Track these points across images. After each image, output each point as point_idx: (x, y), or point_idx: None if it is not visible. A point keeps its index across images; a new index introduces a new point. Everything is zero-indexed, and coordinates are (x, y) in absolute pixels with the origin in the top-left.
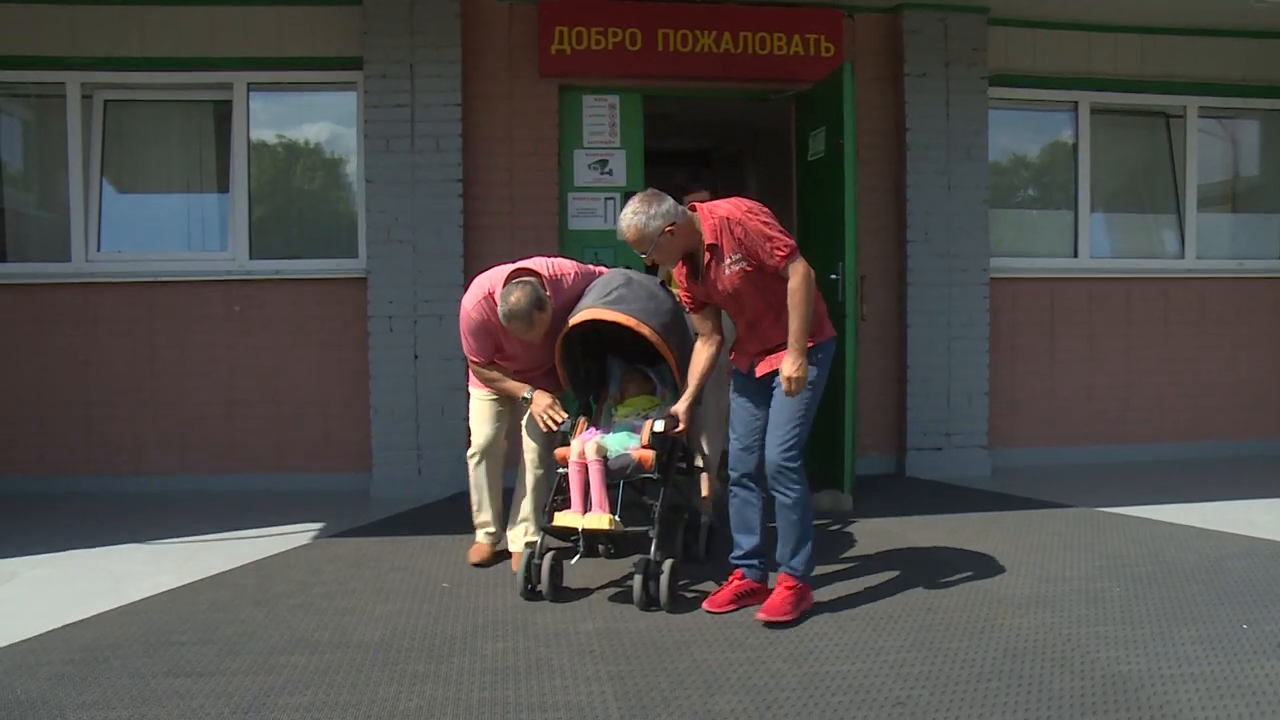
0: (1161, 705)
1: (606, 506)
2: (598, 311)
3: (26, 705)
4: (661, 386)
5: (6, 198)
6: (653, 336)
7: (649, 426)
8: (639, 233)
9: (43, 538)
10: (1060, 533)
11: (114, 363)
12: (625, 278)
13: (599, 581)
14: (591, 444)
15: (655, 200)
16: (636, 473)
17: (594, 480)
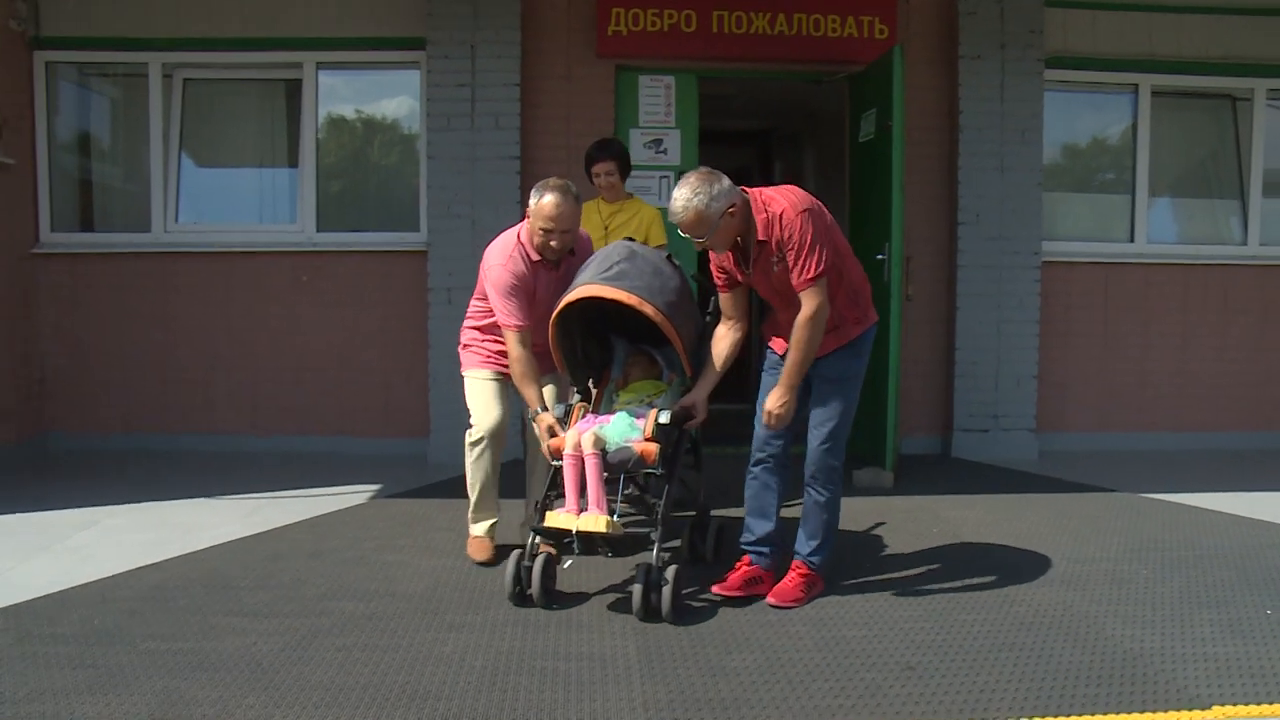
0: (1168, 682)
1: (604, 505)
2: (595, 288)
3: (103, 634)
4: (668, 370)
5: (95, 172)
6: (656, 316)
7: (653, 417)
8: (699, 216)
9: (121, 491)
10: (1097, 516)
11: (189, 328)
12: (628, 250)
13: (598, 585)
14: (589, 435)
15: (714, 179)
16: (638, 467)
17: (591, 476)
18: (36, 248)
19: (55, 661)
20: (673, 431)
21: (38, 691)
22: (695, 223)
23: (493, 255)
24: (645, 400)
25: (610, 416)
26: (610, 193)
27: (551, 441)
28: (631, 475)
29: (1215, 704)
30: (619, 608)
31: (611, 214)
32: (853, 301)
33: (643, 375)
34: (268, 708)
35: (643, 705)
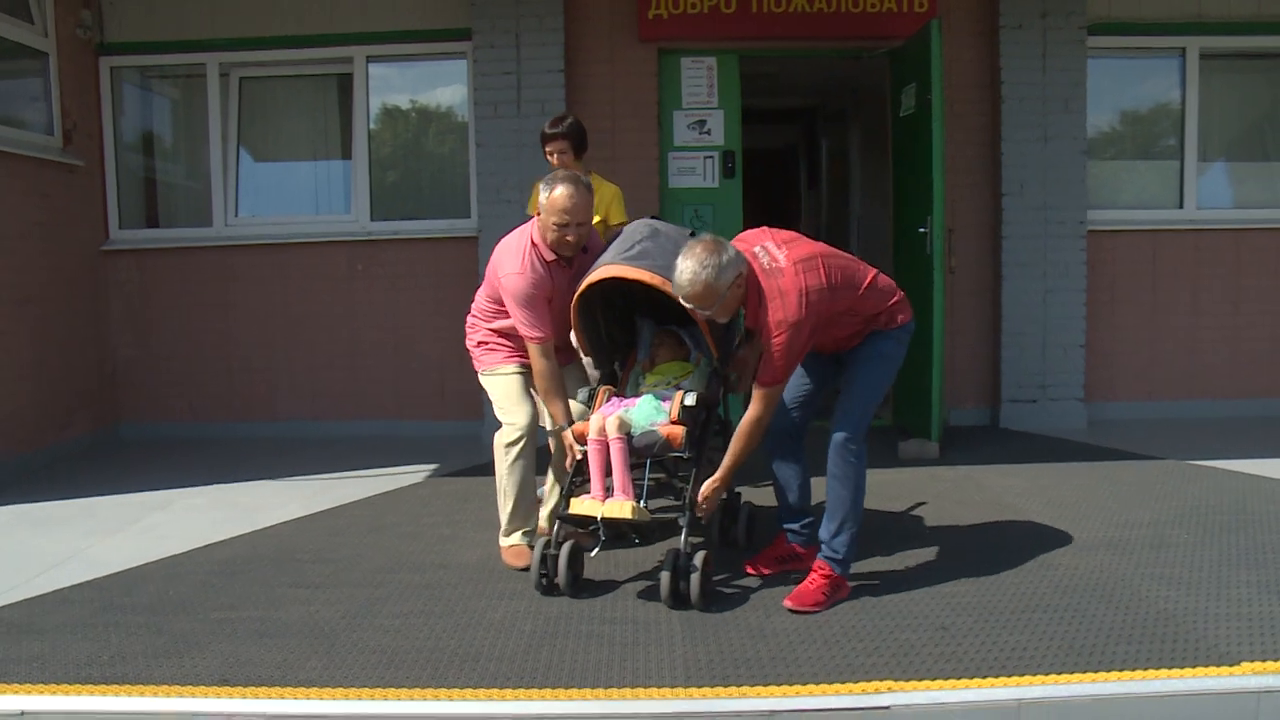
0: (1199, 639)
1: (630, 491)
2: (618, 269)
3: (177, 604)
4: (696, 351)
5: (158, 170)
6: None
7: (679, 399)
8: (707, 288)
9: (191, 475)
10: (1143, 483)
11: (250, 319)
12: (650, 229)
13: (628, 573)
14: (613, 419)
15: (720, 249)
16: (664, 451)
17: (616, 462)
18: (106, 245)
19: (134, 629)
20: (700, 413)
21: (119, 655)
22: (702, 295)
23: (506, 262)
24: (672, 383)
25: (635, 400)
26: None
27: (575, 426)
28: (658, 459)
29: (1244, 660)
30: (649, 595)
31: None
32: (864, 323)
33: (670, 356)
34: (328, 669)
35: (684, 665)
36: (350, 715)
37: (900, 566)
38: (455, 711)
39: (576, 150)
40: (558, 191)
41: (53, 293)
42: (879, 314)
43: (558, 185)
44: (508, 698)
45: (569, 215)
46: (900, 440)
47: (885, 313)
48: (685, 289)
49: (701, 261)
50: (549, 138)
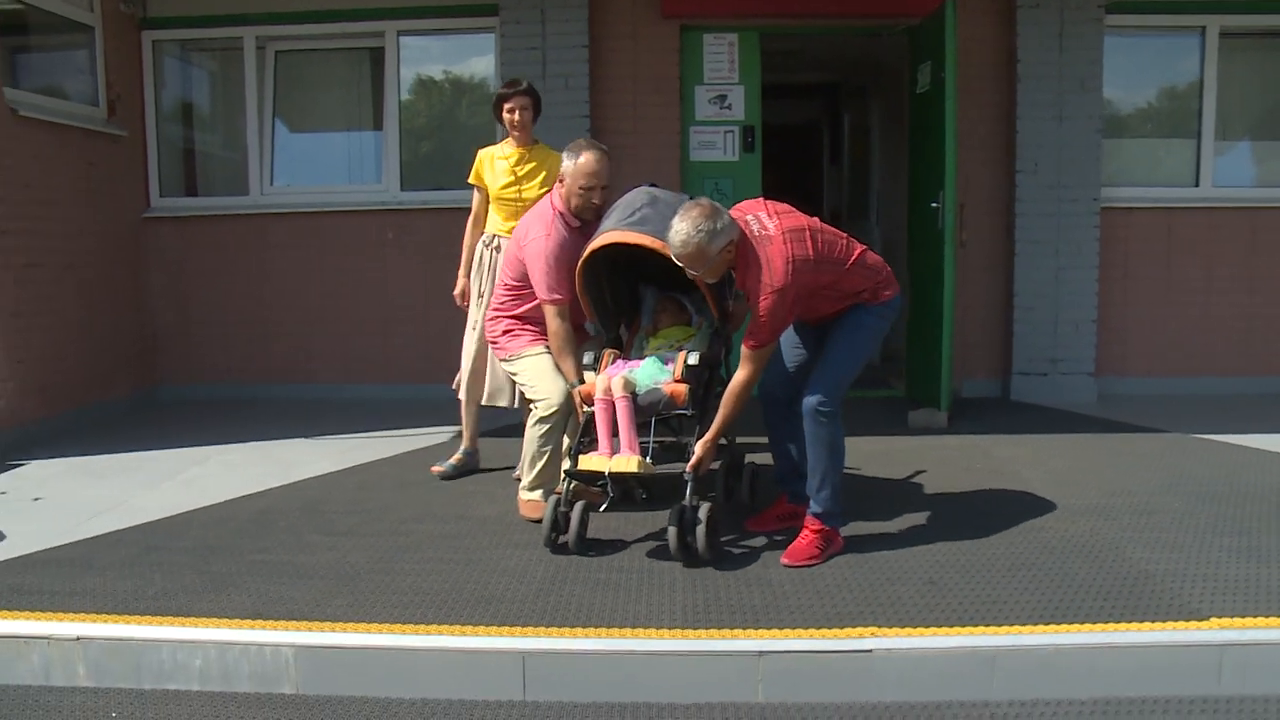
0: (1173, 597)
1: (636, 447)
2: (618, 234)
3: (216, 549)
4: (697, 316)
5: (197, 140)
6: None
7: (682, 359)
8: (700, 251)
9: (230, 433)
10: (1143, 454)
11: (285, 285)
12: (649, 196)
13: (636, 534)
14: (618, 379)
15: (716, 215)
16: (669, 409)
17: (622, 419)
18: (147, 212)
19: (177, 568)
20: (703, 373)
21: (165, 590)
22: (694, 257)
23: (532, 228)
24: (675, 345)
25: (639, 362)
26: (522, 133)
27: (581, 388)
28: (663, 417)
29: (1213, 616)
30: (658, 555)
31: (520, 159)
32: (844, 298)
33: (672, 321)
34: (353, 607)
35: (682, 609)
36: (372, 647)
37: (896, 527)
38: (468, 645)
39: (535, 110)
40: (584, 158)
41: (97, 259)
42: (863, 290)
43: (583, 151)
44: (515, 634)
45: (596, 179)
46: (910, 409)
47: (870, 289)
48: (678, 249)
49: (696, 225)
50: (509, 96)
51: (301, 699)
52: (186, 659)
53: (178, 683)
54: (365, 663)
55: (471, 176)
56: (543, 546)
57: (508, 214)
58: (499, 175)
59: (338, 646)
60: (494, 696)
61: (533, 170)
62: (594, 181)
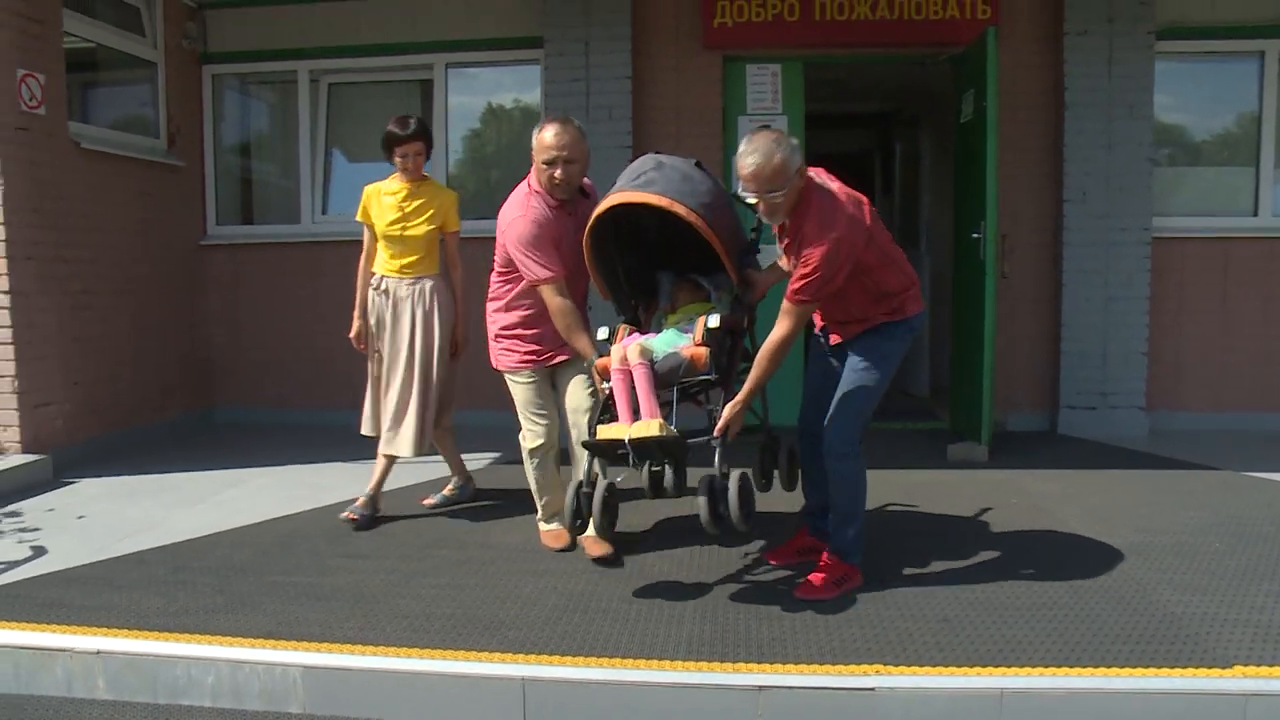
0: (1198, 643)
1: (656, 413)
2: (625, 195)
3: (239, 568)
4: (716, 292)
5: (253, 170)
6: (690, 216)
7: (701, 322)
8: (784, 166)
9: (270, 456)
10: (1187, 491)
11: (333, 312)
12: (655, 161)
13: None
14: (634, 347)
15: (786, 137)
16: (689, 373)
17: (640, 386)
18: (204, 240)
19: (199, 588)
20: (724, 338)
21: (185, 609)
22: (776, 174)
23: (509, 210)
24: (695, 319)
25: (656, 334)
26: (413, 174)
27: (598, 362)
28: (685, 385)
29: (1236, 664)
30: (671, 569)
31: (407, 195)
32: (876, 301)
33: (690, 299)
34: (363, 630)
35: (688, 641)
36: (377, 670)
37: (917, 562)
38: (470, 671)
39: (428, 153)
40: (545, 131)
41: (152, 285)
42: (893, 294)
43: (544, 125)
44: (518, 661)
45: (556, 150)
46: (949, 443)
47: (899, 296)
48: (760, 166)
49: (776, 141)
50: (401, 139)
51: (308, 718)
52: (200, 675)
53: (191, 698)
54: (370, 684)
55: (359, 214)
56: (557, 574)
57: (394, 252)
58: (386, 211)
59: (344, 668)
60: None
61: (420, 207)
62: (554, 154)
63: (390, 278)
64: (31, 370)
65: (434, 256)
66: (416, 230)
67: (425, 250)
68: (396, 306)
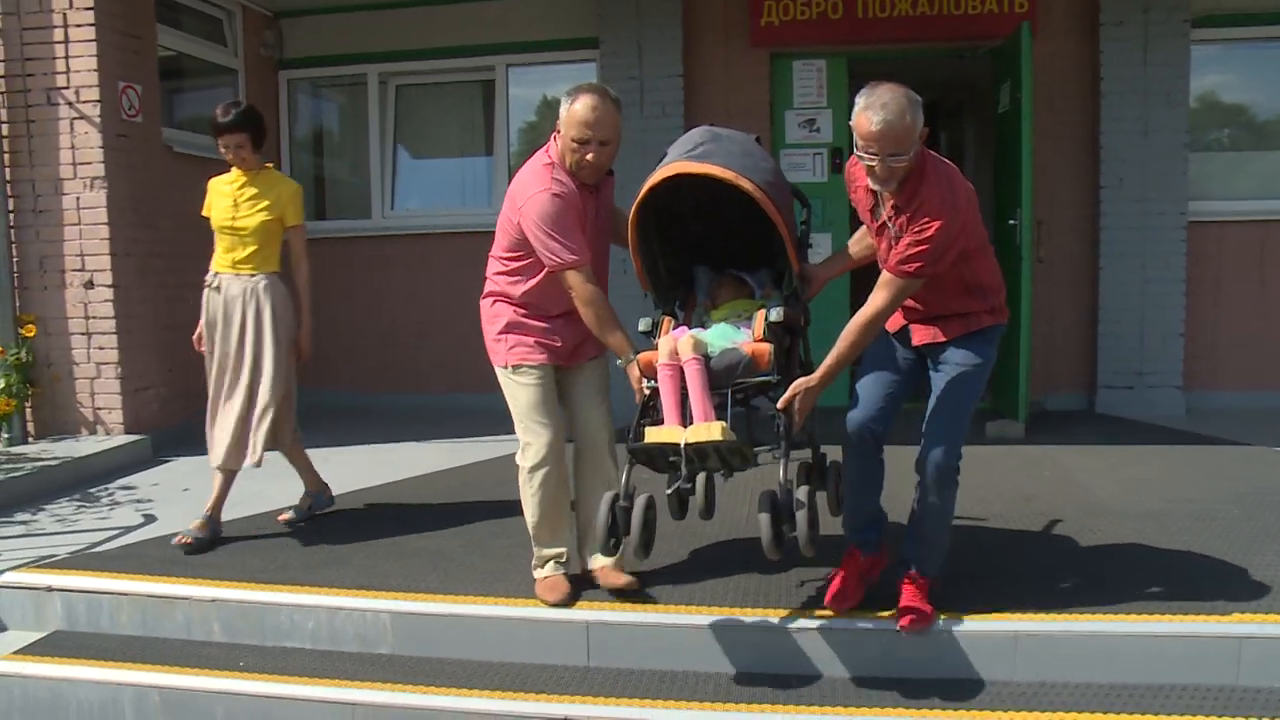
0: (1203, 594)
1: (712, 416)
2: (682, 165)
3: (329, 532)
4: (761, 289)
5: (326, 168)
6: (756, 192)
7: (762, 316)
8: (913, 123)
9: (349, 436)
10: (1215, 464)
11: (402, 302)
12: (710, 134)
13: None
14: (686, 340)
15: (916, 97)
16: (749, 373)
17: (693, 385)
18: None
19: (294, 547)
20: (785, 335)
21: (282, 565)
22: (907, 133)
23: (526, 185)
24: (744, 315)
25: (705, 329)
26: (243, 163)
27: (641, 356)
28: (741, 389)
29: (1235, 612)
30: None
31: (242, 185)
32: (970, 294)
33: (733, 296)
34: (443, 582)
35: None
36: (457, 615)
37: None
38: (539, 616)
39: (255, 142)
40: (580, 103)
41: None
42: (986, 289)
43: (579, 96)
44: (582, 608)
45: (591, 130)
46: (987, 421)
47: (995, 294)
48: (890, 125)
49: (907, 97)
50: (220, 129)
51: (397, 658)
52: (301, 621)
53: (294, 641)
54: (450, 628)
55: (204, 208)
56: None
57: (227, 245)
58: (220, 201)
59: (428, 614)
60: (561, 661)
61: (254, 197)
62: (587, 134)
63: (224, 274)
64: (131, 357)
65: (271, 252)
66: (248, 221)
67: (260, 244)
68: (228, 305)
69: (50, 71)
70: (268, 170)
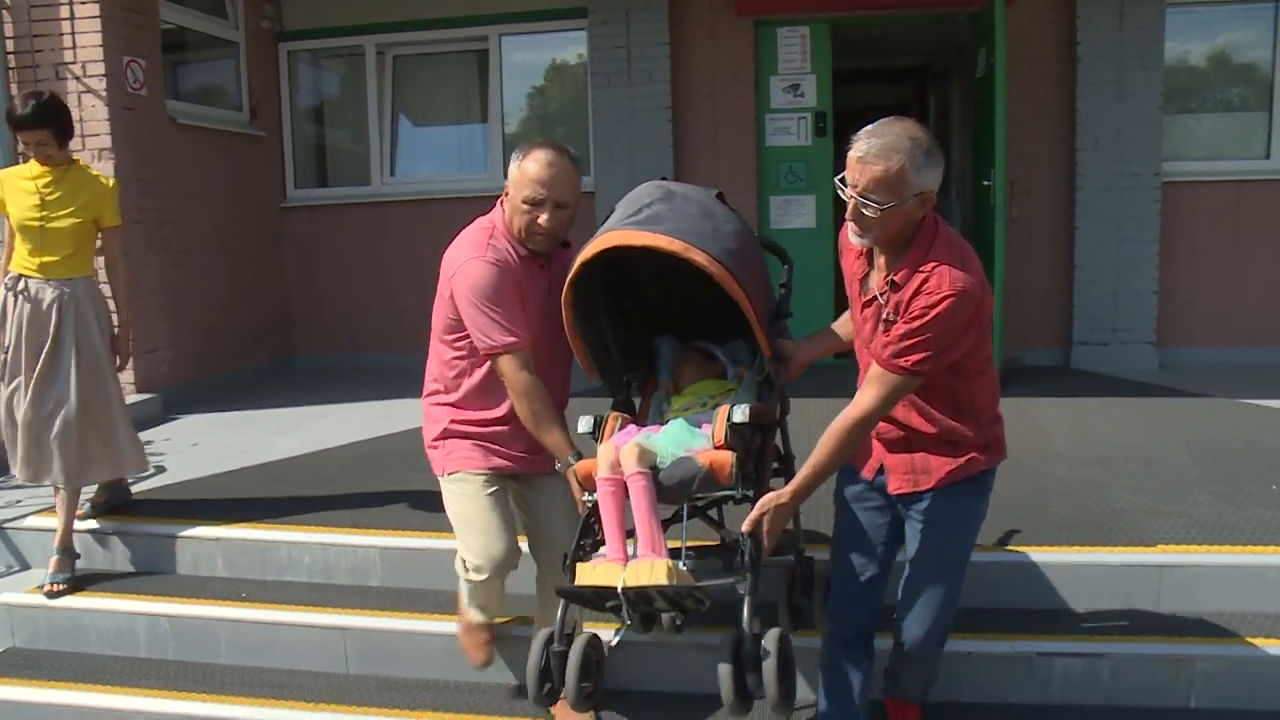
0: (1133, 529)
1: (661, 546)
2: (623, 235)
3: (326, 479)
4: (734, 367)
5: (326, 137)
6: (711, 267)
7: (723, 415)
8: (905, 172)
9: (350, 393)
10: (1175, 416)
11: (402, 266)
12: (663, 190)
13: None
14: (629, 448)
15: (931, 143)
16: (706, 488)
17: (639, 506)
18: (284, 203)
19: (296, 493)
20: (753, 436)
21: (287, 507)
22: (885, 177)
23: (460, 250)
24: (708, 403)
25: (660, 427)
26: (48, 159)
27: (579, 465)
28: (700, 504)
29: (1160, 543)
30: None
31: (49, 183)
32: (960, 413)
33: (699, 376)
34: (428, 521)
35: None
36: (438, 549)
37: None
38: None
39: (59, 138)
40: (531, 161)
41: (242, 244)
42: (980, 412)
43: (531, 152)
44: None
45: (545, 189)
46: None
47: (987, 418)
48: (874, 155)
49: (912, 135)
50: (19, 124)
51: (385, 589)
52: (298, 556)
53: (292, 575)
54: (432, 562)
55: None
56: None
57: (33, 247)
58: (22, 198)
59: (413, 549)
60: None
61: (64, 197)
62: (541, 193)
63: (31, 278)
64: (141, 320)
65: (86, 255)
66: (61, 223)
67: (73, 247)
68: (37, 312)
69: (57, 47)
70: (78, 167)
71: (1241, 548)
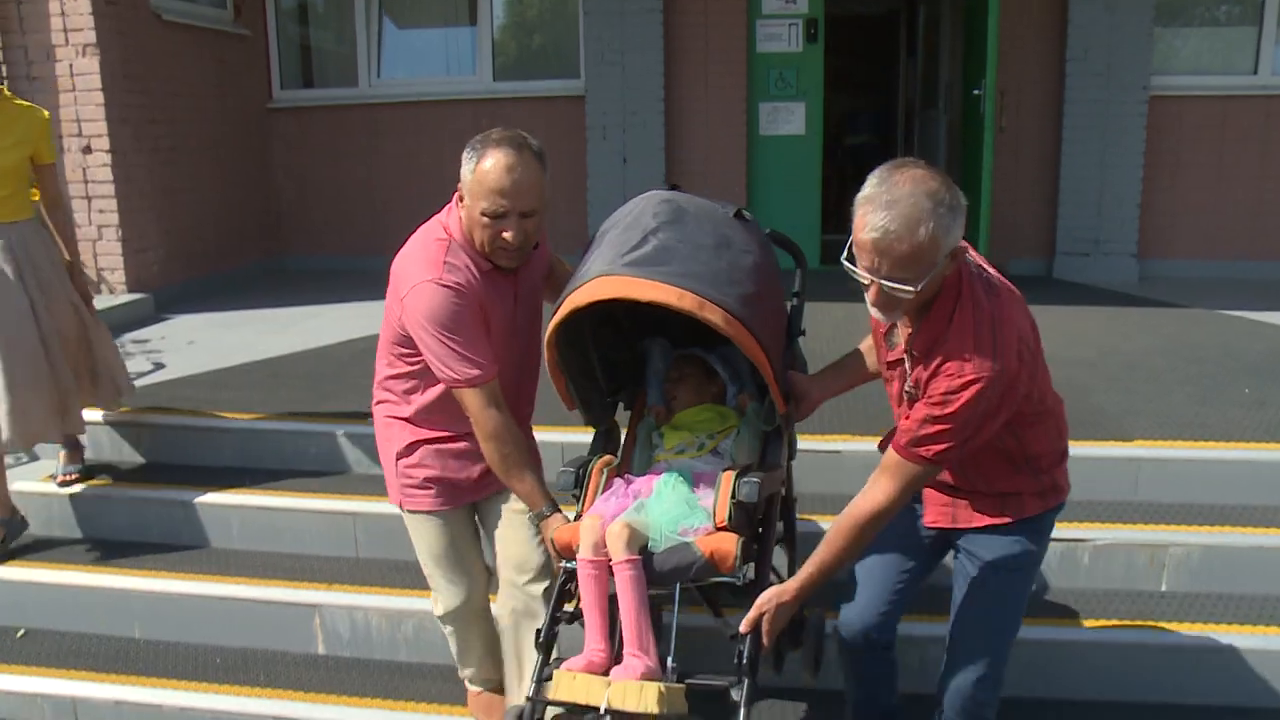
0: (1113, 425)
1: (652, 650)
2: (623, 284)
3: (324, 375)
4: (733, 385)
5: (313, 38)
6: (729, 327)
7: (726, 489)
8: (929, 246)
9: (339, 294)
10: (1155, 324)
11: (390, 168)
12: (672, 210)
13: None
14: (618, 529)
15: (948, 184)
16: (705, 574)
17: (626, 599)
18: (270, 104)
19: (294, 388)
20: (758, 506)
21: (287, 401)
22: (911, 255)
23: (412, 270)
24: (706, 446)
25: (652, 480)
26: None
27: (556, 534)
28: (697, 585)
29: (1138, 438)
30: None
31: None
32: (1015, 469)
33: (695, 399)
34: None
35: None
36: None
37: None
38: None
39: None
40: (489, 163)
41: (230, 145)
42: (1040, 460)
43: (488, 152)
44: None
45: (507, 200)
46: None
47: (1050, 467)
48: (894, 234)
49: (930, 193)
50: None
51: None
52: (304, 445)
53: (298, 464)
54: None
55: None
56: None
57: None
58: None
59: None
60: None
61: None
62: (503, 205)
63: None
64: (131, 220)
65: (26, 195)
66: (1, 162)
67: (14, 187)
68: None
69: None
70: (6, 99)
71: (1214, 443)
